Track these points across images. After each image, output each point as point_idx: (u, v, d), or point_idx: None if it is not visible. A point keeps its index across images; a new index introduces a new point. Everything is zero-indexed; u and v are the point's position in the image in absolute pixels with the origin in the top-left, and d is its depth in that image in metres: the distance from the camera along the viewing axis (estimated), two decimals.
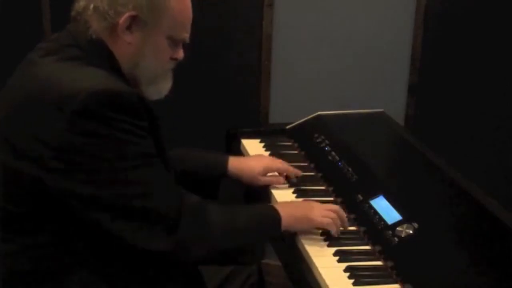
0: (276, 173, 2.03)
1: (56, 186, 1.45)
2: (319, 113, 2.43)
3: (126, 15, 1.56)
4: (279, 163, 2.05)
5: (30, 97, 1.50)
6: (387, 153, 2.35)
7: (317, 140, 2.24)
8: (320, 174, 2.08)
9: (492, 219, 1.74)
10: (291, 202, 1.90)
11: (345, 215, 1.79)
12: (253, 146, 2.30)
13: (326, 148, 2.18)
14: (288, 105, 3.01)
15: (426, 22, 2.83)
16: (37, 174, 1.45)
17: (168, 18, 1.59)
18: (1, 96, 1.59)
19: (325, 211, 1.76)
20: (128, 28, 1.57)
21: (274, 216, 1.70)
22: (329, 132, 2.27)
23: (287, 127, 2.42)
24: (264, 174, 2.02)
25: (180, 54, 1.67)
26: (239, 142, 2.33)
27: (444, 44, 2.84)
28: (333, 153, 2.14)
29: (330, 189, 1.99)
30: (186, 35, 1.66)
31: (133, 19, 1.57)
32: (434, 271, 1.55)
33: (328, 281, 1.57)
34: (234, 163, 2.02)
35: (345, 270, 1.60)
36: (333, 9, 2.91)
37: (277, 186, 2.01)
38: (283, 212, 1.71)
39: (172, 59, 1.66)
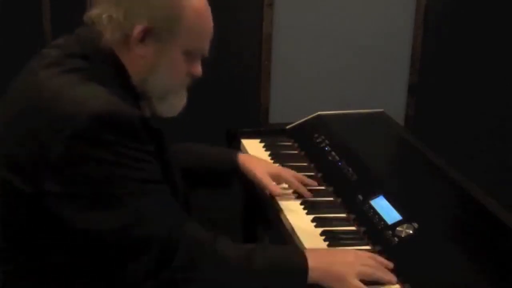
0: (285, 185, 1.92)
1: (50, 205, 1.40)
2: (319, 113, 2.42)
3: (140, 27, 1.46)
4: (291, 176, 1.92)
5: (29, 111, 1.44)
6: (387, 153, 2.35)
7: (317, 140, 2.24)
8: (320, 174, 2.08)
9: (492, 219, 1.74)
10: (328, 251, 1.62)
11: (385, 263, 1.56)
12: (253, 146, 2.29)
13: (326, 148, 2.18)
14: (288, 105, 3.02)
15: (426, 22, 2.83)
16: (32, 192, 1.40)
17: (184, 31, 1.50)
18: (2, 103, 1.53)
19: (363, 268, 1.51)
20: (142, 40, 1.48)
21: (299, 264, 1.48)
22: (329, 132, 2.27)
23: (287, 127, 2.41)
24: (273, 178, 1.90)
25: (198, 69, 1.57)
26: (239, 142, 2.33)
27: (444, 44, 2.84)
28: (333, 153, 2.13)
29: (330, 189, 1.98)
30: (204, 49, 1.56)
31: (147, 31, 1.47)
32: (434, 271, 1.55)
33: None
34: (244, 156, 1.95)
35: None
36: (333, 9, 2.92)
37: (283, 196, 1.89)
38: (312, 262, 1.48)
39: (189, 74, 1.57)
